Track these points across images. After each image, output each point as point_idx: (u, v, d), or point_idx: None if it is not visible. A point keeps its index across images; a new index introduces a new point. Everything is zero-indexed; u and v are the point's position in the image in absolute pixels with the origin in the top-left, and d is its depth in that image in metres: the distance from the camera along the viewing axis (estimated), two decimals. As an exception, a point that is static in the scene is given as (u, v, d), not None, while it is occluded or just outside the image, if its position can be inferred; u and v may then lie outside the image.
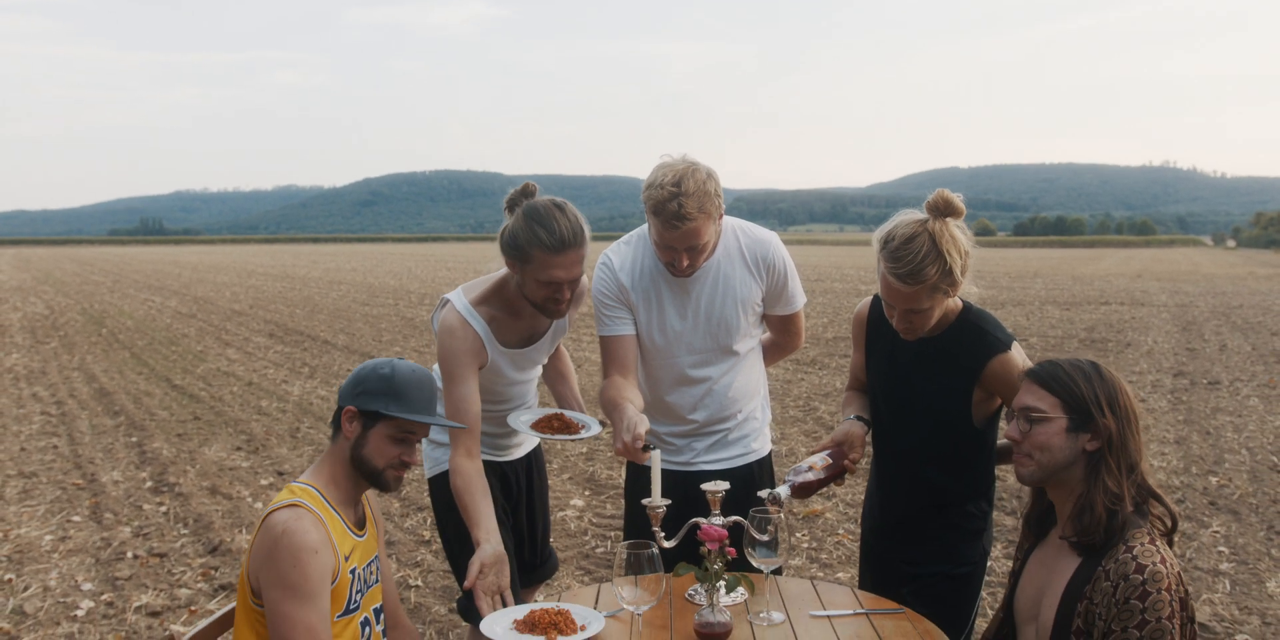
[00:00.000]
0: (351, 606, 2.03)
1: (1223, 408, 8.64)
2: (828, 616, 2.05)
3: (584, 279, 2.57)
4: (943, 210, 2.12)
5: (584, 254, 2.39)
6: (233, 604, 2.05)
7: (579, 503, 5.75)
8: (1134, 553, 1.71)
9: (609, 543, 5.01)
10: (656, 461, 2.08)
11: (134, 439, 7.63)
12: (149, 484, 6.23)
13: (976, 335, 2.27)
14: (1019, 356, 2.26)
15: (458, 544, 2.68)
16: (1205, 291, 24.74)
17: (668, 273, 2.52)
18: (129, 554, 4.84)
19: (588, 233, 2.40)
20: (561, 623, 1.94)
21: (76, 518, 5.48)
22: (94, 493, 6.02)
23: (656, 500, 2.04)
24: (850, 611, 2.08)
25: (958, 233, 2.14)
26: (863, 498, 2.72)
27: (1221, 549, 4.86)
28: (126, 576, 4.52)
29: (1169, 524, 1.79)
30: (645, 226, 2.53)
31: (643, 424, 2.21)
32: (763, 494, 2.10)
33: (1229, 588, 4.33)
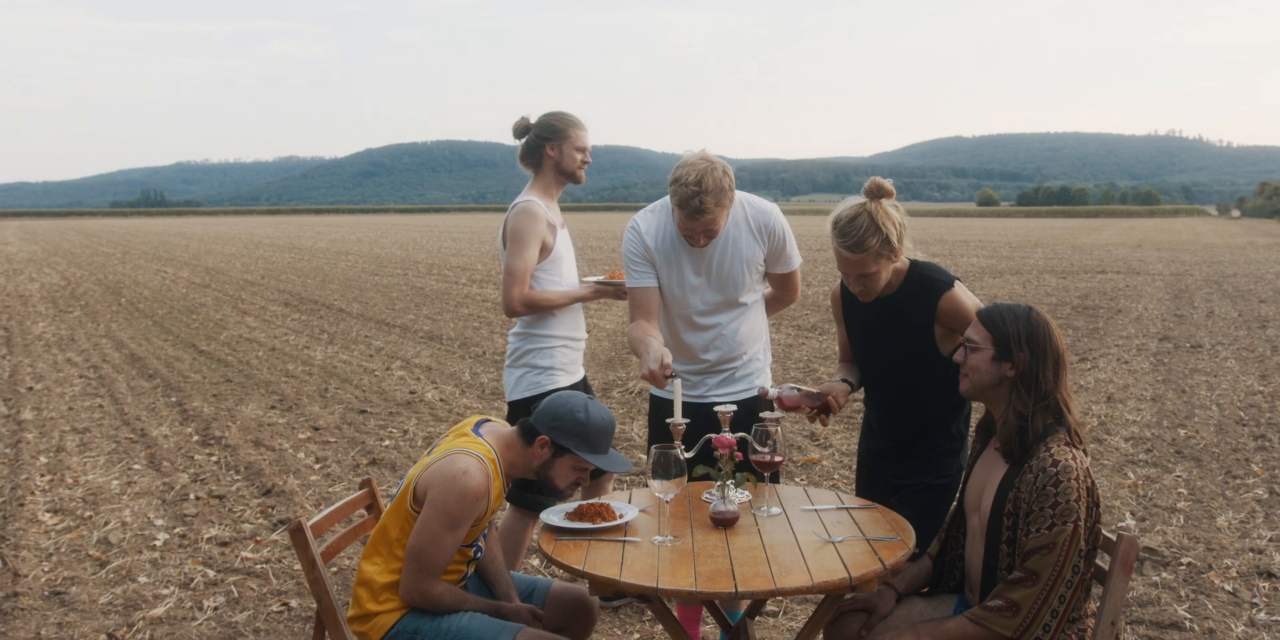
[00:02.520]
0: (472, 543, 2.50)
1: (1200, 369, 9.11)
2: (815, 510, 2.54)
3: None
4: (876, 194, 2.66)
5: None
6: (357, 493, 2.53)
7: (595, 453, 6.25)
8: (1051, 452, 2.18)
9: (624, 485, 5.51)
10: (678, 388, 2.55)
11: (173, 399, 8.12)
12: (196, 438, 6.73)
13: (924, 283, 2.76)
14: (962, 292, 2.75)
15: None
16: (1202, 261, 25.12)
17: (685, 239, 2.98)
18: (191, 496, 5.35)
19: None
20: (604, 512, 2.43)
21: (136, 466, 5.99)
22: (147, 445, 6.53)
23: (678, 418, 2.52)
24: (833, 506, 2.57)
25: (891, 210, 2.66)
26: (854, 449, 3.22)
27: (1181, 490, 5.35)
28: (193, 514, 5.02)
29: (1078, 439, 2.26)
30: (668, 198, 2.98)
31: (668, 355, 2.69)
32: (759, 382, 2.59)
33: (1182, 521, 4.82)
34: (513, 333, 3.49)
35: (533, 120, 3.45)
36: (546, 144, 3.40)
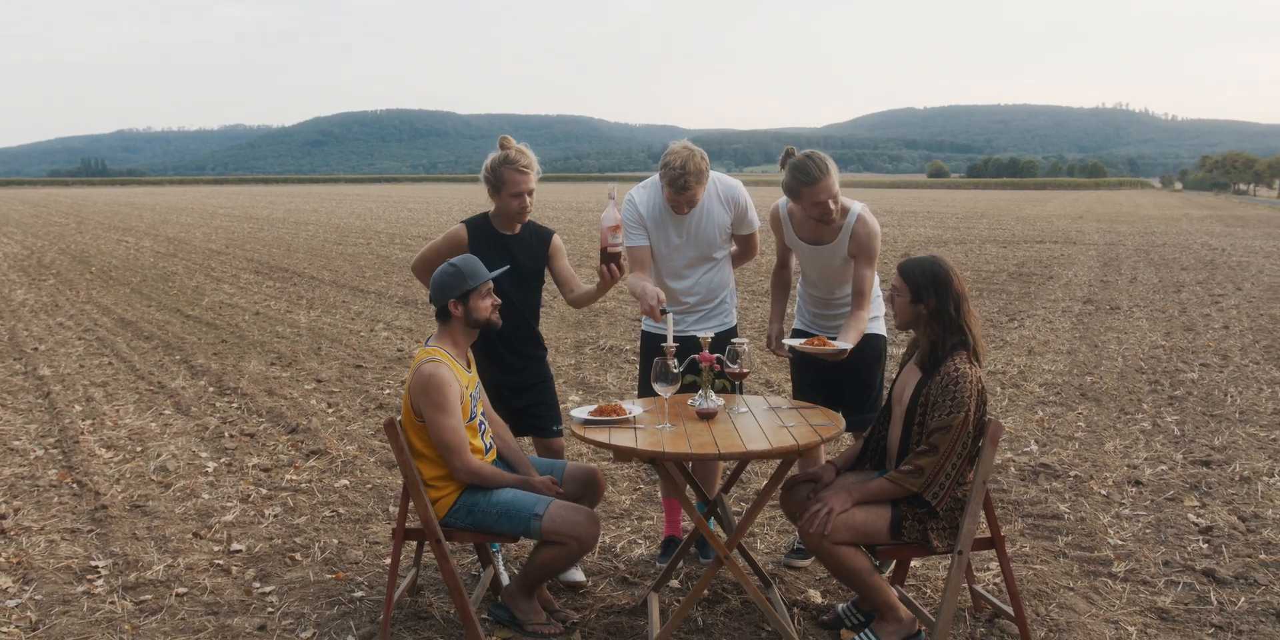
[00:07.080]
0: (471, 416, 3.28)
1: (1114, 327, 10.15)
2: (772, 408, 3.39)
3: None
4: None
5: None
6: (393, 417, 3.30)
7: (575, 398, 7.04)
8: (954, 363, 3.02)
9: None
10: (670, 320, 3.36)
11: (177, 357, 8.72)
12: (212, 389, 7.38)
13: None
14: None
15: None
16: (1136, 231, 26.50)
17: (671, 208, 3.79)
18: (225, 434, 6.05)
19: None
20: (618, 410, 3.24)
21: (166, 411, 6.66)
22: (169, 395, 7.18)
23: (670, 342, 3.31)
24: (787, 406, 3.41)
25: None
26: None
27: (1080, 423, 6.30)
28: (233, 447, 5.74)
29: (978, 356, 3.10)
30: (657, 176, 3.76)
31: (662, 295, 3.51)
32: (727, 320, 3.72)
33: (1076, 447, 5.75)
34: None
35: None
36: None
